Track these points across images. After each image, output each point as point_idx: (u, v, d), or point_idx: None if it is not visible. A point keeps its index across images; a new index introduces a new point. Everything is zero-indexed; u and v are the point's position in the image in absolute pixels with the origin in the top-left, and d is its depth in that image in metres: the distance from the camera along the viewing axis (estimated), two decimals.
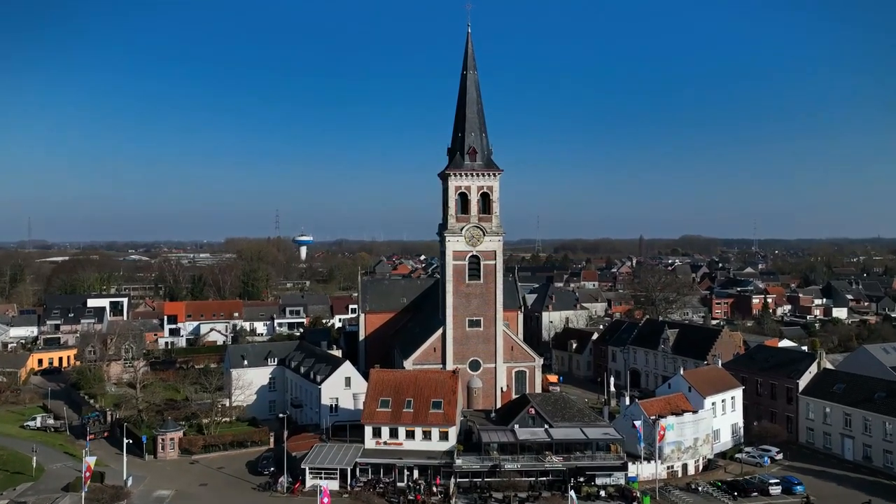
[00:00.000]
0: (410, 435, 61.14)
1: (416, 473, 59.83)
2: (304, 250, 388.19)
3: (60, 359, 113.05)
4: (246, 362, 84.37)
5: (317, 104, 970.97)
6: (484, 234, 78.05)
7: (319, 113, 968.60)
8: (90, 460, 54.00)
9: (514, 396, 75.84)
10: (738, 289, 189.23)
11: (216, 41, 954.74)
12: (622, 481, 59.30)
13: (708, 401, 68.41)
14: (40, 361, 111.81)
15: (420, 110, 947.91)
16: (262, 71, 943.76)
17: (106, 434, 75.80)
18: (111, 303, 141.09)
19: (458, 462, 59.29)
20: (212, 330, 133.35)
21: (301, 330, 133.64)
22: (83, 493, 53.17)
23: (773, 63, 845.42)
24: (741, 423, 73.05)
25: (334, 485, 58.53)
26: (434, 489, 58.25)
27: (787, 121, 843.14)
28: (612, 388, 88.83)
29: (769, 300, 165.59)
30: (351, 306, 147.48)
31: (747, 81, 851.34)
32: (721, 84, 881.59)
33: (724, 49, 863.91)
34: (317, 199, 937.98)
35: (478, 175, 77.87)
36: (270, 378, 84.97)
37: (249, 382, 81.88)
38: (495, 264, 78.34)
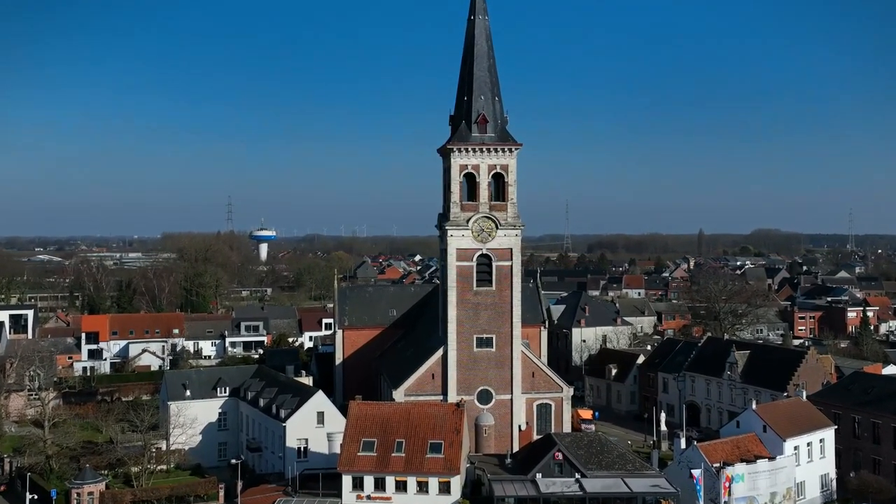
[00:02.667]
0: (401, 486, 61.03)
1: None
2: (264, 248, 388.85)
3: None
4: (188, 393, 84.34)
5: (278, 62, 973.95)
6: (497, 227, 78.00)
7: (282, 74, 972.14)
8: None
9: (535, 437, 75.70)
10: (829, 299, 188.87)
11: None
12: None
13: (789, 444, 68.21)
14: None
15: (414, 67, 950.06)
16: (204, 20, 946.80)
17: (3, 488, 75.69)
18: (11, 316, 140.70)
19: None
20: (144, 351, 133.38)
21: (260, 351, 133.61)
22: None
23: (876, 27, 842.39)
24: (833, 474, 72.80)
25: None
26: None
27: (888, 87, 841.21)
28: (664, 427, 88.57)
29: (870, 314, 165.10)
30: (325, 321, 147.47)
31: (839, 44, 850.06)
32: (809, 47, 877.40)
33: (810, 12, 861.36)
34: (280, 184, 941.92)
35: (489, 150, 77.80)
36: (220, 413, 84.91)
37: (193, 419, 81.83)
38: (511, 266, 78.29)
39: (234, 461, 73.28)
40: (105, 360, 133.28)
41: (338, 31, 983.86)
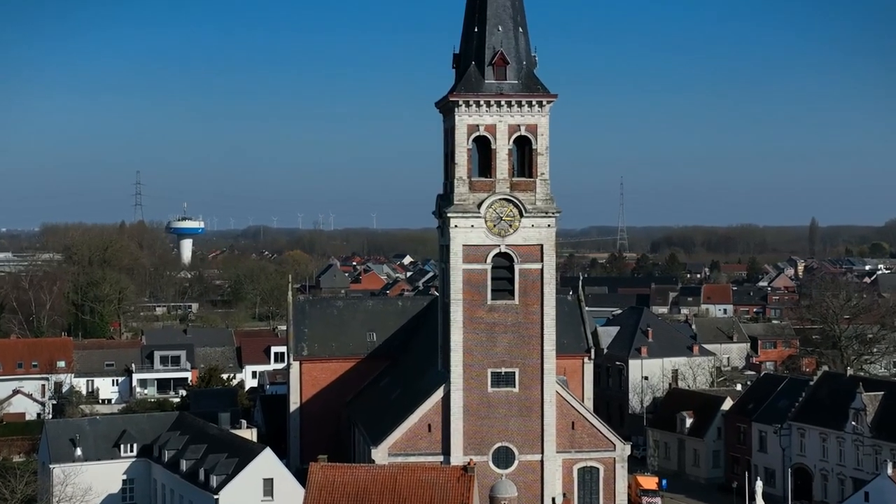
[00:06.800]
0: None
1: None
2: (187, 246, 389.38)
3: None
4: (79, 452, 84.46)
5: None
6: (521, 214, 77.97)
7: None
8: None
9: None
10: None
11: None
12: None
13: None
14: None
15: None
16: None
17: None
18: None
19: None
20: (16, 393, 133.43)
21: (183, 393, 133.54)
22: None
23: None
24: None
25: None
26: None
27: None
28: (761, 501, 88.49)
29: None
30: (274, 349, 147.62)
31: None
32: None
33: None
34: (209, 156, 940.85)
35: (510, 104, 77.76)
36: (125, 481, 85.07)
37: (86, 489, 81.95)
38: (542, 269, 78.30)
39: None
40: None
41: None
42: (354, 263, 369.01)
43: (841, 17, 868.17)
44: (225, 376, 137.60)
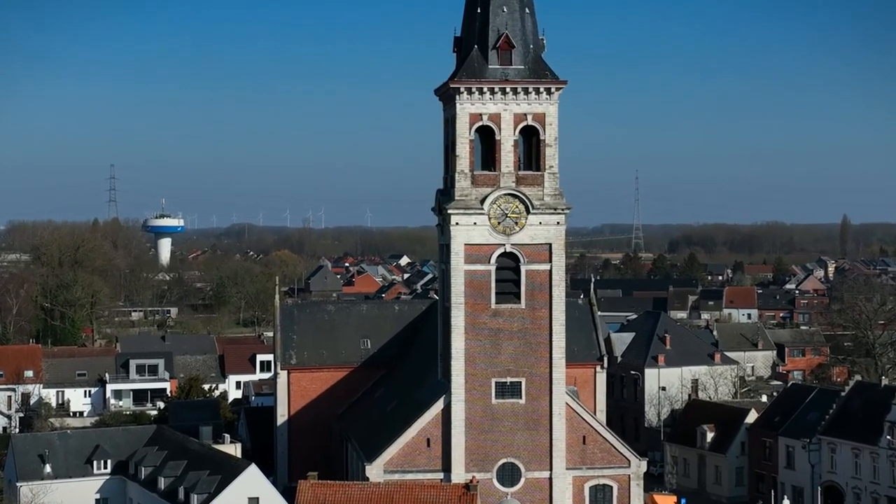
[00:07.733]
0: None
1: None
2: (165, 246, 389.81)
3: None
4: (49, 469, 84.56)
5: None
6: (528, 211, 78.03)
7: None
8: None
9: None
10: None
11: None
12: None
13: None
14: None
15: None
16: None
17: None
18: None
19: None
20: None
21: (161, 404, 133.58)
22: None
23: None
24: None
25: None
26: None
27: None
28: None
29: None
30: (260, 357, 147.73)
31: None
32: None
33: None
34: (190, 148, 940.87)
35: (516, 91, 77.81)
36: (99, 500, 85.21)
37: None
38: (550, 271, 78.38)
39: None
40: None
41: None
42: (347, 264, 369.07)
43: (872, 10, 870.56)
44: (206, 387, 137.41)
